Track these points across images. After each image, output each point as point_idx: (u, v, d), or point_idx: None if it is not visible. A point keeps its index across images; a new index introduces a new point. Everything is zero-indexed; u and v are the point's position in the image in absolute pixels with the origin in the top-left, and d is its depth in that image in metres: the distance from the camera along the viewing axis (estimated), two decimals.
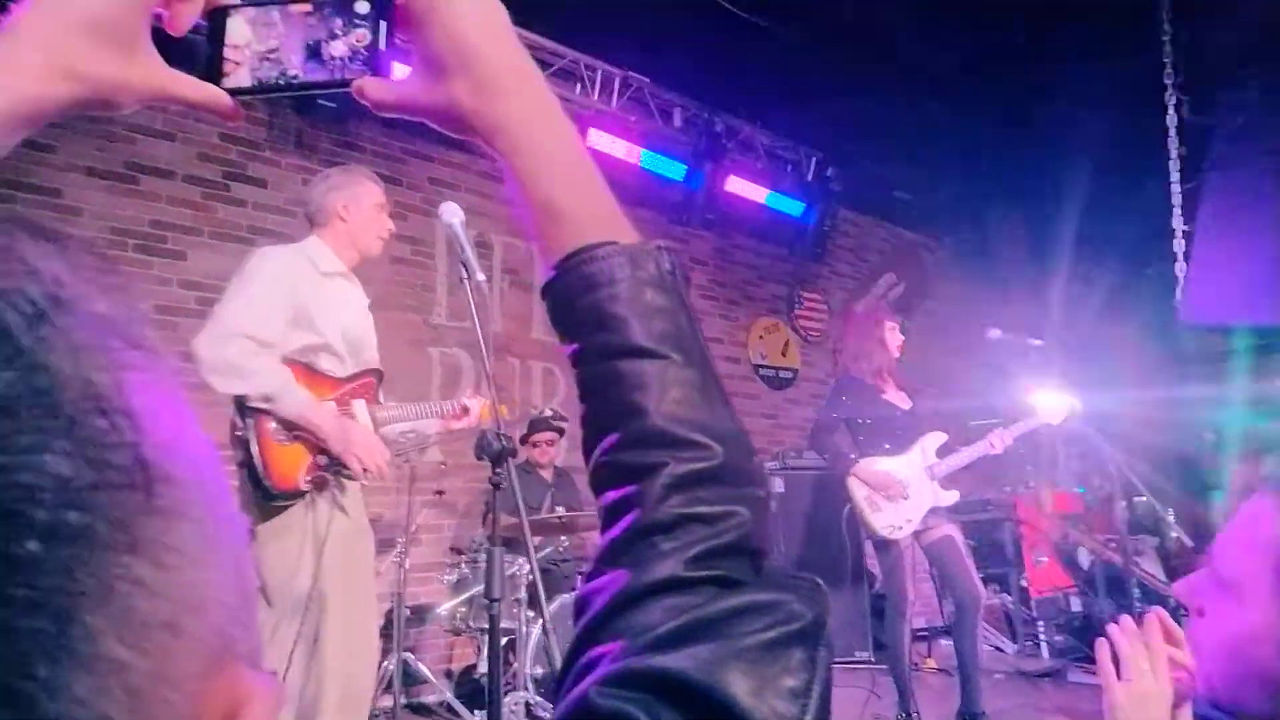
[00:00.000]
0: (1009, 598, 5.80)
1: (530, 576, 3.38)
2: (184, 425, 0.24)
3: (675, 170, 5.52)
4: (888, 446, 3.68)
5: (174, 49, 0.56)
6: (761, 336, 6.52)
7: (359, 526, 2.36)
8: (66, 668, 0.19)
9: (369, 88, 0.53)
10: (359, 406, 2.38)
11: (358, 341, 2.44)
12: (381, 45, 0.54)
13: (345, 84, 0.55)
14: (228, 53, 0.54)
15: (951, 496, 3.65)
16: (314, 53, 0.55)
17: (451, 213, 1.82)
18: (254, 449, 2.13)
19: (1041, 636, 5.56)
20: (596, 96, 5.00)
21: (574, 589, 3.82)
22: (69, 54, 0.50)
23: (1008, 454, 3.71)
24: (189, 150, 4.07)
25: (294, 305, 2.25)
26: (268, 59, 0.54)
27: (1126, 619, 1.04)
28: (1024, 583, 5.77)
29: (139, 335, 0.23)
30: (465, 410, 2.55)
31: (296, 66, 0.55)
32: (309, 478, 2.21)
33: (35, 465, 0.19)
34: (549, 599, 3.40)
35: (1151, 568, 5.98)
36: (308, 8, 0.55)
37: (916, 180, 6.83)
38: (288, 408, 2.18)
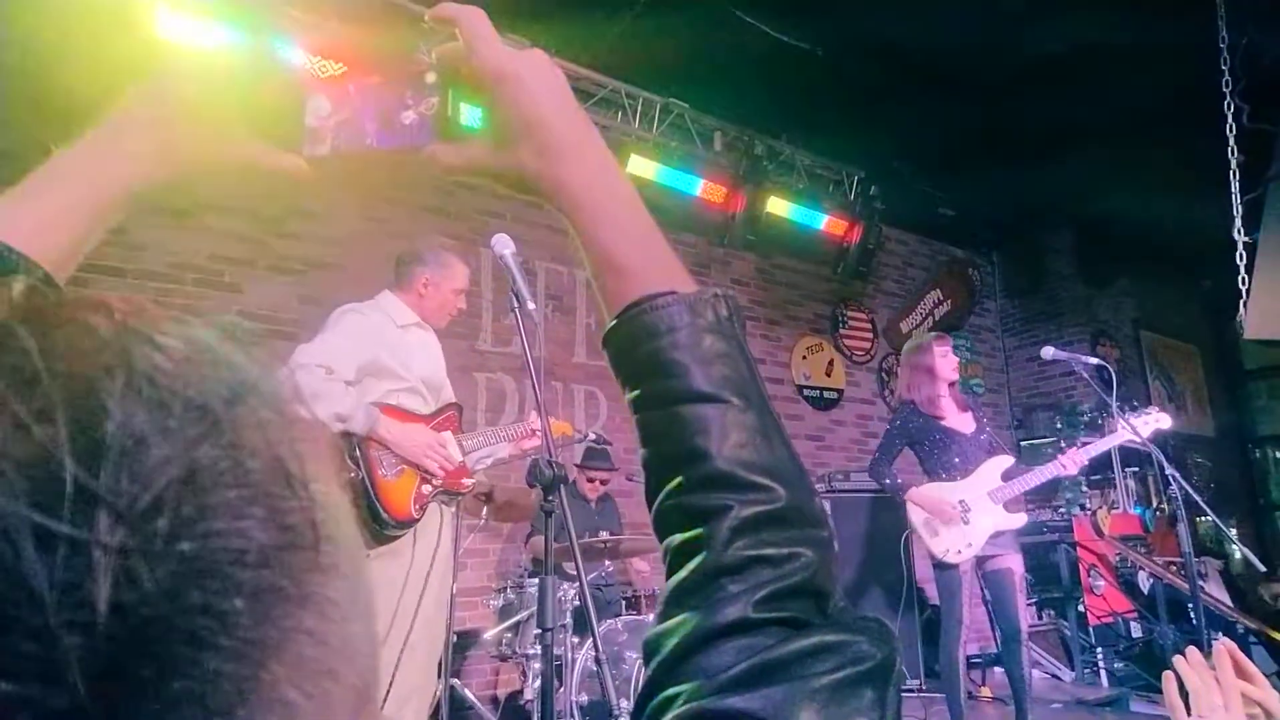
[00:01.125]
0: (1066, 624, 5.63)
1: (575, 602, 3.40)
2: (334, 487, 0.26)
3: (715, 193, 5.55)
4: (949, 473, 3.70)
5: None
6: (805, 356, 6.48)
7: (449, 556, 2.59)
8: (255, 708, 0.21)
9: (440, 153, 0.57)
10: (448, 438, 2.61)
11: (437, 381, 2.71)
12: (449, 112, 0.58)
13: (417, 149, 0.59)
14: (306, 124, 0.59)
15: (1018, 520, 3.65)
16: (387, 121, 0.59)
17: (503, 244, 1.88)
18: (369, 485, 2.34)
19: (1100, 664, 5.38)
20: (637, 124, 5.06)
21: (618, 614, 3.82)
22: (175, 141, 0.56)
23: (1062, 477, 3.65)
24: (249, 188, 4.23)
25: (373, 355, 2.49)
26: (344, 127, 0.59)
27: (1194, 650, 1.01)
28: (1081, 608, 5.59)
29: (298, 410, 0.26)
30: (534, 431, 2.78)
31: (371, 135, 0.59)
32: (419, 506, 2.45)
33: (241, 531, 0.22)
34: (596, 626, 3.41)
35: (1216, 591, 5.74)
36: (379, 79, 0.60)
37: (962, 196, 6.75)
38: (359, 425, 2.39)
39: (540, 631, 1.66)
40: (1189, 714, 0.90)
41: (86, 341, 0.22)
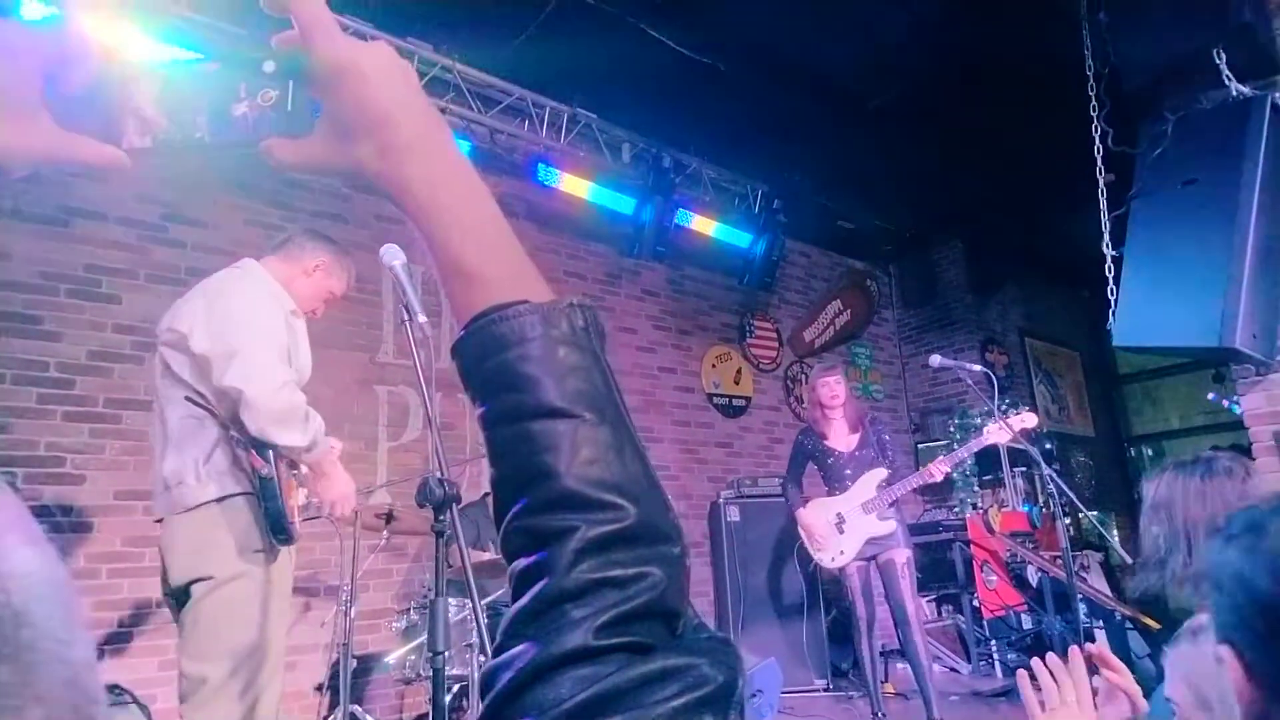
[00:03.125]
0: (962, 618, 5.88)
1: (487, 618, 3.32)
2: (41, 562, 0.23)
3: (625, 204, 5.57)
4: (837, 486, 4.23)
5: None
6: (714, 365, 6.57)
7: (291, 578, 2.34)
8: None
9: (276, 149, 0.52)
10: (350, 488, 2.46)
11: (304, 382, 2.45)
12: (289, 105, 0.54)
13: (253, 144, 0.54)
14: (127, 112, 0.53)
15: (887, 527, 4.07)
16: (221, 113, 0.54)
17: (393, 254, 1.81)
18: (280, 489, 2.12)
19: (995, 655, 5.64)
20: (545, 133, 5.03)
21: None
22: None
23: (955, 477, 3.87)
24: (124, 192, 3.98)
25: (284, 349, 2.28)
26: (172, 118, 0.54)
27: (1052, 655, 1.08)
28: (976, 603, 5.85)
29: None
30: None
31: (202, 127, 0.54)
32: (299, 519, 2.25)
33: None
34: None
35: (1097, 582, 6.12)
36: (215, 67, 0.55)
37: (861, 210, 7.01)
38: (318, 452, 2.22)
39: (432, 655, 1.59)
40: (1043, 711, 0.96)
41: None
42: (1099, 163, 4.23)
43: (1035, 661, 1.00)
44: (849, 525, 4.12)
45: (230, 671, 2.04)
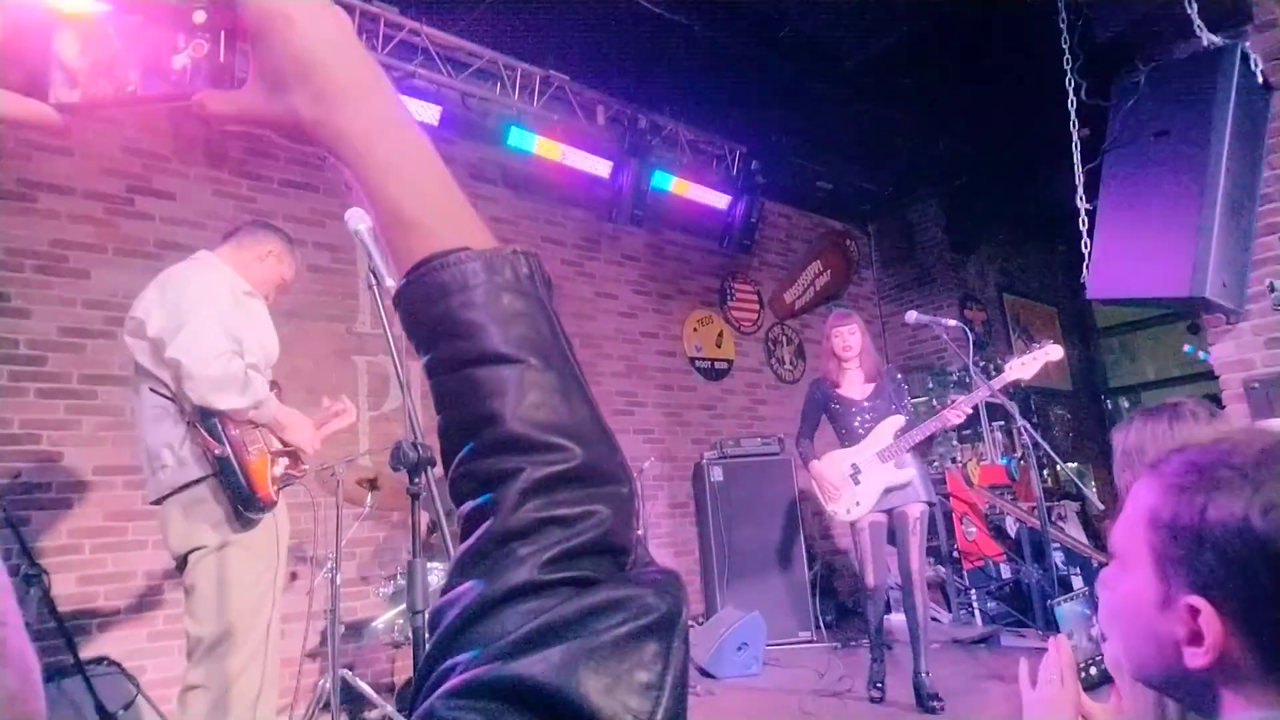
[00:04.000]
0: (943, 569, 6.00)
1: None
2: None
3: (601, 168, 5.52)
4: (850, 437, 4.03)
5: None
6: (696, 329, 6.58)
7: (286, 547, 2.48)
8: None
9: (209, 101, 0.51)
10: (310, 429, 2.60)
11: (273, 356, 2.57)
12: (221, 56, 0.53)
13: (186, 97, 0.53)
14: (56, 67, 0.52)
15: (905, 475, 3.87)
16: (152, 66, 0.53)
17: (357, 218, 1.78)
18: (236, 465, 2.25)
19: (975, 605, 5.77)
20: (517, 96, 4.95)
21: None
22: None
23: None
24: (89, 165, 3.89)
25: (230, 324, 2.37)
26: (101, 73, 0.52)
27: (1061, 638, 1.15)
28: (956, 554, 5.98)
29: None
30: (338, 413, 2.76)
31: (134, 81, 0.53)
32: (276, 489, 2.37)
33: None
34: None
35: (1074, 531, 6.26)
36: (140, 18, 0.54)
37: (838, 171, 6.98)
38: (267, 412, 2.35)
39: (411, 614, 1.62)
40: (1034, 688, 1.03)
41: None
42: (1073, 116, 4.24)
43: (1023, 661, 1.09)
44: (865, 475, 3.92)
45: (225, 631, 2.19)
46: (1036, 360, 3.81)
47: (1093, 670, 1.24)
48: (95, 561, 3.64)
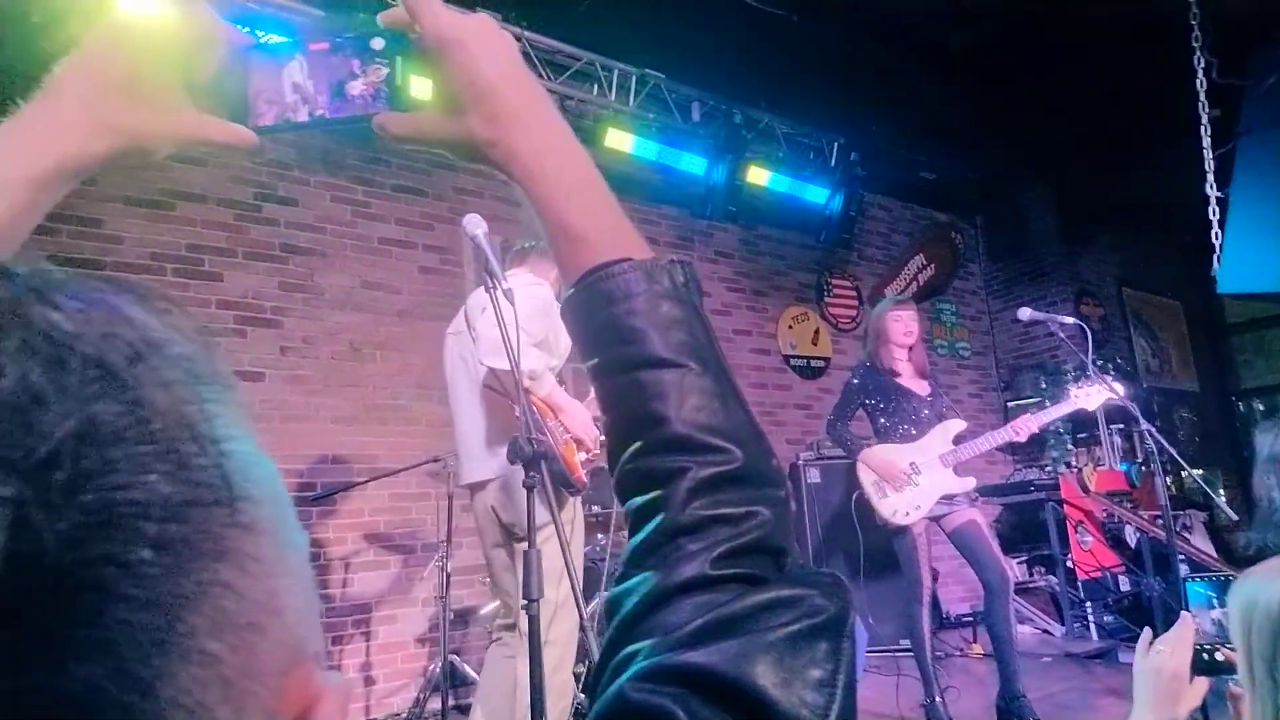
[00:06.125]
0: (1055, 579, 5.72)
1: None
2: (254, 449, 0.27)
3: (696, 165, 5.52)
4: (900, 433, 3.69)
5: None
6: (791, 326, 6.50)
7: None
8: (173, 658, 0.22)
9: (389, 122, 0.56)
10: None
11: (565, 356, 2.87)
12: (398, 80, 0.57)
13: (367, 119, 0.58)
14: (252, 93, 0.58)
15: (967, 483, 3.61)
16: (337, 90, 0.58)
17: (474, 224, 1.86)
18: (559, 452, 2.51)
19: (1090, 618, 5.48)
20: (614, 96, 5.02)
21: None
22: (109, 111, 0.54)
23: (1045, 434, 3.68)
24: (221, 174, 4.18)
25: (547, 331, 2.64)
26: (293, 98, 0.58)
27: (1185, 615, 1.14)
28: (1070, 564, 5.69)
29: (214, 371, 0.27)
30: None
31: (321, 105, 0.58)
32: (585, 473, 2.66)
33: (145, 485, 0.22)
34: (587, 598, 3.47)
35: (1200, 542, 5.85)
36: (325, 46, 0.58)
37: (943, 160, 6.74)
38: (544, 387, 2.58)
39: (526, 603, 1.68)
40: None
41: None
42: (1202, 97, 3.96)
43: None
44: (924, 477, 3.57)
45: (548, 600, 2.41)
46: (1101, 394, 3.54)
47: (1207, 655, 1.20)
48: None
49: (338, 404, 4.23)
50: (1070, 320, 3.69)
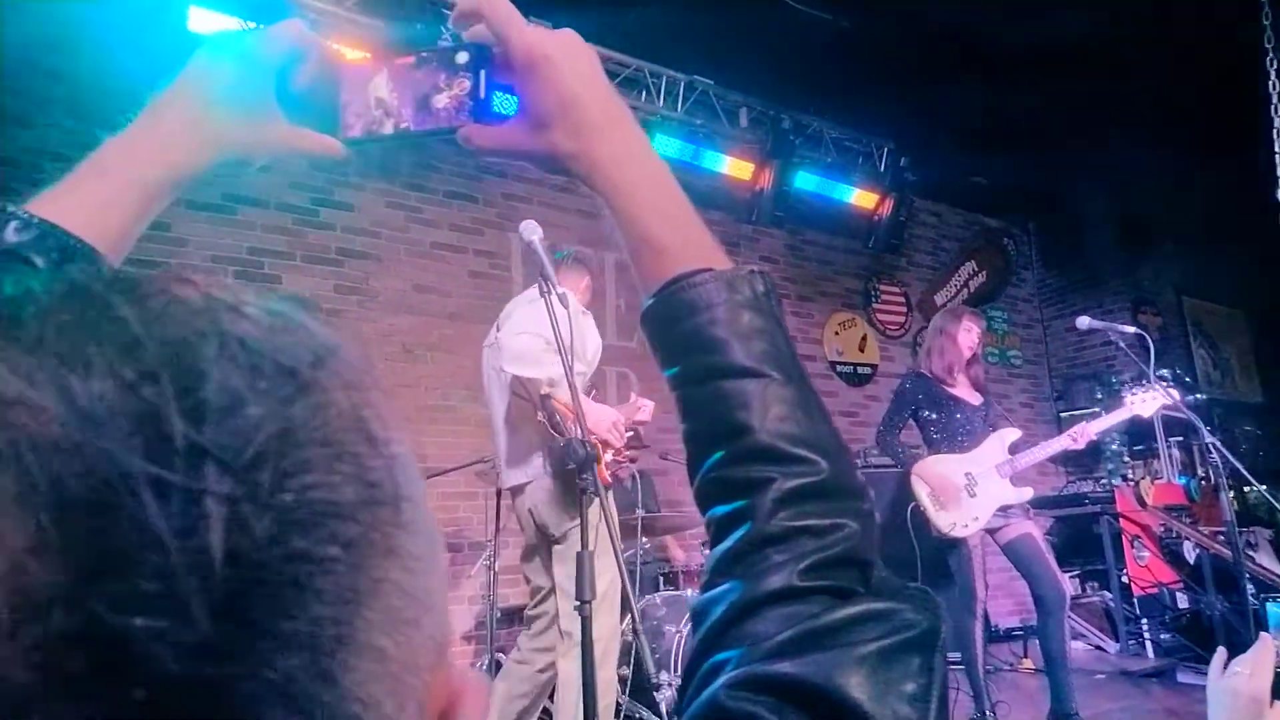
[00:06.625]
0: (1109, 595, 5.56)
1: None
2: (408, 450, 0.28)
3: (742, 170, 5.51)
4: (953, 444, 3.64)
5: None
6: (837, 332, 6.43)
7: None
8: (352, 652, 0.23)
9: (474, 135, 0.57)
10: (619, 416, 2.92)
11: (596, 363, 2.99)
12: (482, 93, 0.58)
13: (451, 131, 0.59)
14: (344, 106, 0.60)
15: (1025, 494, 3.55)
16: (422, 104, 0.59)
17: (531, 230, 1.89)
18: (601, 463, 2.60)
19: (1146, 635, 5.31)
20: (662, 103, 5.03)
21: (656, 589, 3.86)
22: (213, 124, 0.57)
23: (1101, 446, 3.59)
24: (280, 179, 4.30)
25: (568, 343, 2.66)
26: (378, 111, 0.60)
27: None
28: (1125, 579, 5.52)
29: (375, 374, 0.28)
30: (640, 408, 3.10)
31: (407, 118, 0.59)
32: (612, 475, 2.77)
33: (331, 485, 0.23)
34: (624, 603, 3.48)
35: (1266, 560, 5.63)
36: (411, 61, 0.60)
37: (996, 164, 6.61)
38: (564, 392, 2.59)
39: (579, 604, 1.69)
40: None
41: (178, 310, 0.24)
42: (1274, 99, 3.82)
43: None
44: (980, 488, 3.51)
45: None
46: (1157, 400, 3.46)
47: None
48: None
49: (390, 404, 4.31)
50: (1131, 329, 3.59)
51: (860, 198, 6.00)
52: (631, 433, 4.35)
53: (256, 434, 0.22)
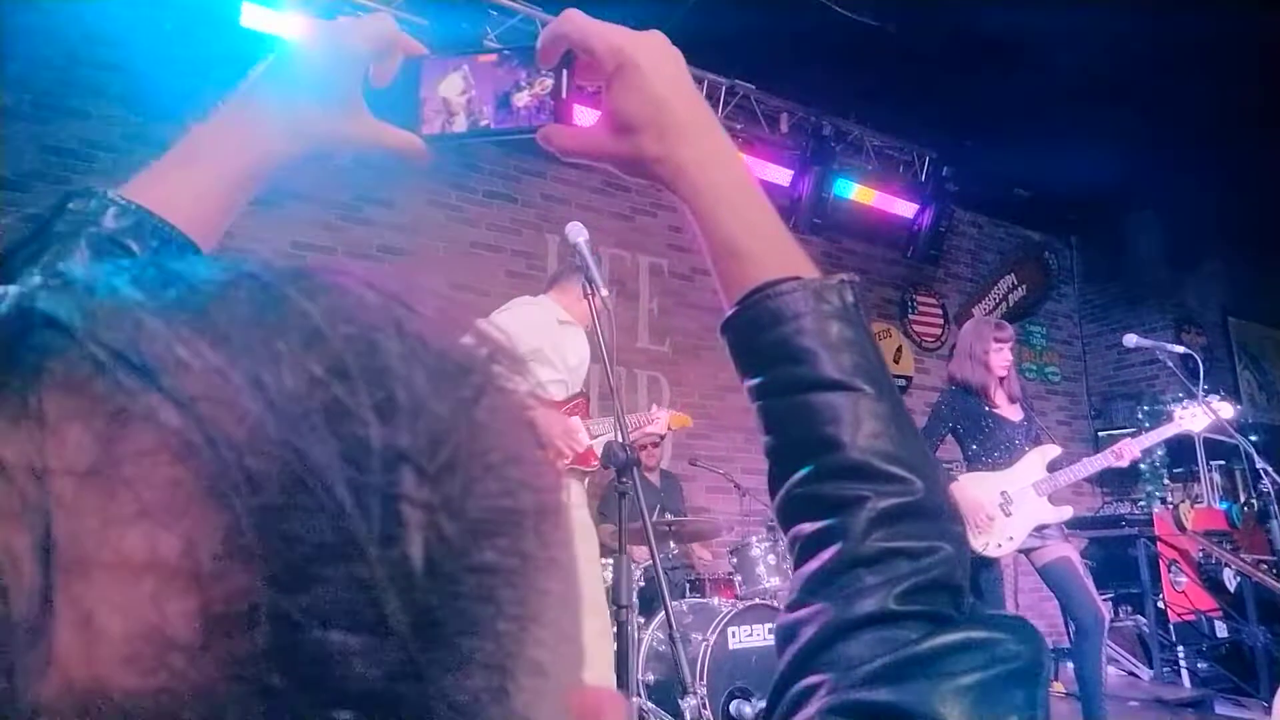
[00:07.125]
0: (1144, 620, 5.42)
1: (640, 583, 3.45)
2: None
3: (781, 176, 5.47)
4: (992, 460, 3.54)
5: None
6: None
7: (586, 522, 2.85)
8: (519, 669, 0.21)
9: (554, 135, 0.57)
10: (577, 423, 2.86)
11: (582, 374, 2.95)
12: (564, 94, 0.58)
13: (532, 131, 0.58)
14: (424, 102, 0.59)
15: (1064, 513, 3.45)
16: (503, 102, 0.59)
17: (578, 231, 1.89)
18: None
19: (1182, 663, 5.17)
20: None
21: (683, 596, 3.83)
22: (301, 115, 0.57)
23: (1140, 467, 3.49)
24: (324, 175, 4.35)
25: (539, 344, 2.72)
26: (461, 108, 0.59)
27: None
28: (1161, 604, 5.38)
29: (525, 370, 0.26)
30: (654, 419, 3.10)
31: (487, 116, 0.59)
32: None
33: (508, 492, 0.22)
34: (651, 610, 3.45)
35: None
36: (494, 59, 0.60)
37: (1038, 177, 6.50)
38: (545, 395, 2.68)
39: (615, 608, 1.68)
40: None
41: (352, 304, 0.22)
42: None
43: None
44: (1016, 507, 3.40)
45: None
46: (1205, 417, 3.34)
47: None
48: None
49: None
50: (1179, 349, 3.50)
51: (900, 207, 5.93)
52: (655, 441, 4.34)
53: (449, 437, 0.21)
